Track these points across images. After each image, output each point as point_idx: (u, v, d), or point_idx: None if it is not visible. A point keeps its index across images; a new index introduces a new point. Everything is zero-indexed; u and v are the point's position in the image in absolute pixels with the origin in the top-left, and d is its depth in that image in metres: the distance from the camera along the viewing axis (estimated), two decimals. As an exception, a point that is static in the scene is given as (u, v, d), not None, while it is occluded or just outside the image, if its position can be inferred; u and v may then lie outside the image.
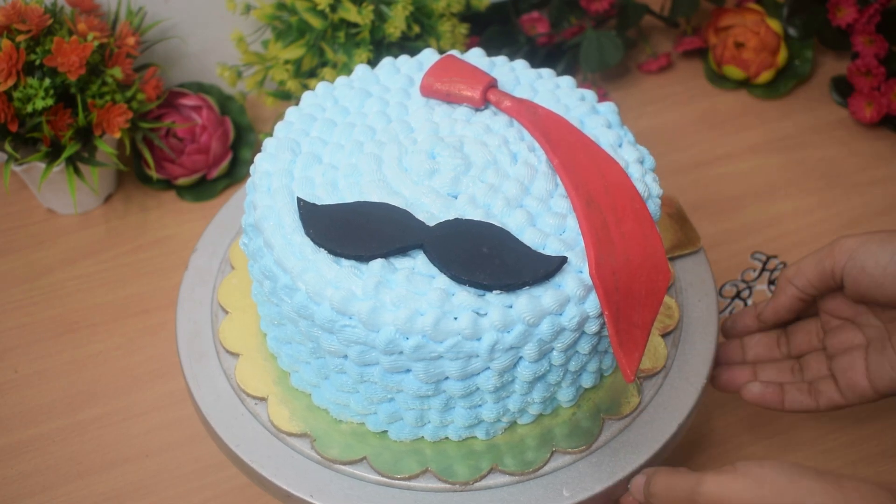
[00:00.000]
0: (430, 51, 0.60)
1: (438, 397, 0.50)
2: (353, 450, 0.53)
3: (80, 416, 0.67)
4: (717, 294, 0.61)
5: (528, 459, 0.53)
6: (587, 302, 0.48)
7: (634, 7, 0.91)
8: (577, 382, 0.54)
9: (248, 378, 0.56)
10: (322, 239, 0.49)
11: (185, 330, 0.59)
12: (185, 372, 0.57)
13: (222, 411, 0.55)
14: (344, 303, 0.47)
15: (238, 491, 0.63)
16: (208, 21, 0.83)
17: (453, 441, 0.54)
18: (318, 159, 0.53)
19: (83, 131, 0.73)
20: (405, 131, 0.54)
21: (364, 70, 0.59)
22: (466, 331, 0.46)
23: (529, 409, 0.53)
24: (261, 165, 0.53)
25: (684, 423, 0.55)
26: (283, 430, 0.54)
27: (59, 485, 0.64)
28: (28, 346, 0.71)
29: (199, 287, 0.61)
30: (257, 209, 0.51)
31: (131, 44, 0.74)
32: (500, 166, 0.52)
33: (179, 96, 0.80)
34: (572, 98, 0.57)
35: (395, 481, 0.52)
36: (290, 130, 0.55)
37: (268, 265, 0.50)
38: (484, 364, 0.48)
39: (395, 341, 0.47)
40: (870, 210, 0.81)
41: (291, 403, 0.55)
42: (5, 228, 0.79)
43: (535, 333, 0.48)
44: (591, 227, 0.49)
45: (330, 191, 0.51)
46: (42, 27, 0.70)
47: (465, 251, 0.48)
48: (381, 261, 0.48)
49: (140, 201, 0.81)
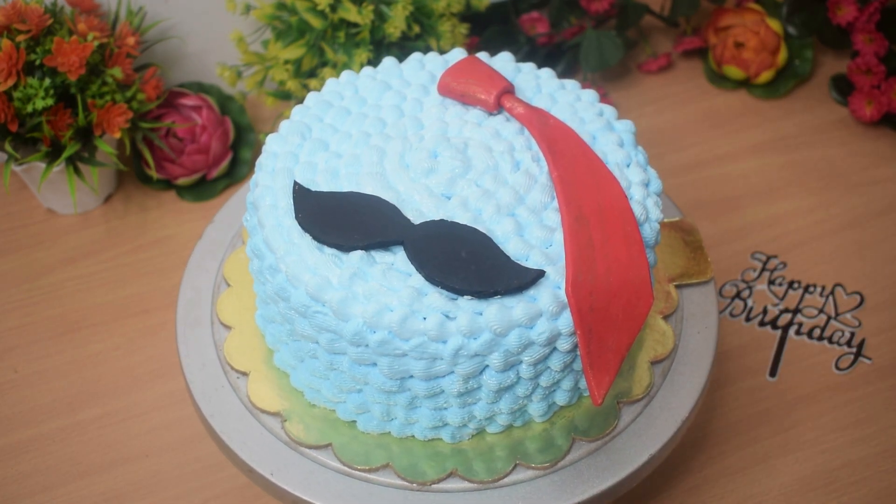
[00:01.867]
0: (459, 50, 0.59)
1: (403, 394, 0.51)
2: (321, 434, 0.54)
3: (80, 416, 0.67)
4: (717, 328, 0.60)
5: (490, 468, 0.53)
6: (560, 319, 0.48)
7: (634, 7, 0.91)
8: (549, 398, 0.53)
9: (235, 351, 0.57)
10: (308, 224, 0.49)
11: (186, 298, 0.61)
12: (177, 337, 0.59)
13: (205, 381, 0.57)
14: (318, 289, 0.48)
15: (238, 491, 0.63)
16: (208, 21, 0.83)
17: (420, 440, 0.54)
18: (324, 146, 0.54)
19: (83, 131, 0.73)
20: (415, 127, 0.55)
21: (391, 63, 0.59)
22: (432, 332, 0.47)
23: (497, 418, 0.53)
24: (270, 146, 0.55)
25: (657, 454, 0.54)
26: (258, 407, 0.55)
27: (59, 485, 0.64)
28: (28, 346, 0.71)
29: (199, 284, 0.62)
30: (258, 187, 0.53)
31: (131, 44, 0.74)
32: (499, 172, 0.52)
33: (179, 96, 0.80)
34: (590, 112, 0.56)
35: (356, 472, 0.53)
36: (305, 114, 0.56)
37: (258, 243, 0.52)
38: (448, 367, 0.48)
39: (362, 333, 0.47)
40: (870, 210, 0.81)
41: (271, 382, 0.56)
42: (5, 228, 0.79)
43: (502, 343, 0.47)
44: (576, 243, 0.48)
45: (329, 178, 0.52)
46: (42, 27, 0.70)
47: (443, 253, 0.48)
48: (361, 253, 0.49)
49: (140, 201, 0.81)
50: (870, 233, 0.79)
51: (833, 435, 0.66)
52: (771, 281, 0.75)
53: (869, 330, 0.72)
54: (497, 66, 0.59)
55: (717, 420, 0.67)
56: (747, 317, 0.73)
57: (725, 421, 0.67)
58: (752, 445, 0.66)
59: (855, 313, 0.73)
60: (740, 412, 0.67)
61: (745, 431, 0.66)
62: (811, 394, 0.68)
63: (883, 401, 0.68)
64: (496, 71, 0.56)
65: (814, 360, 0.70)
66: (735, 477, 0.64)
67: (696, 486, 0.64)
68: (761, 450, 0.65)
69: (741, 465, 0.65)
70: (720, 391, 0.68)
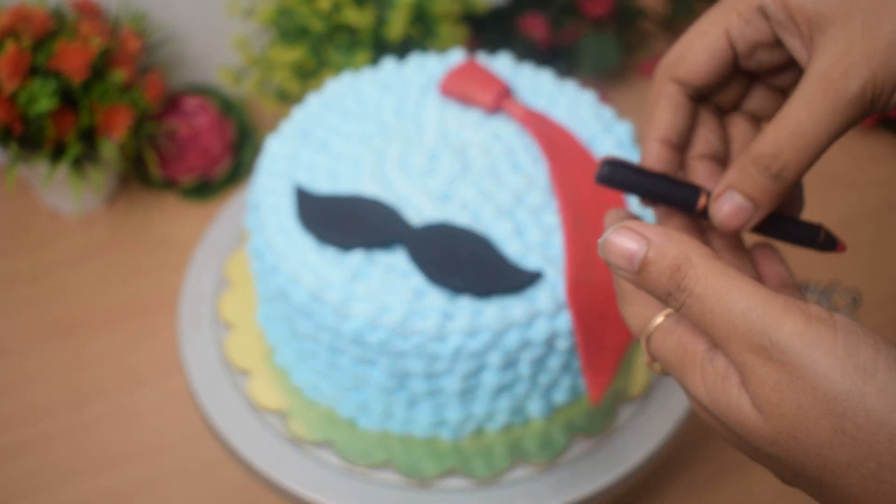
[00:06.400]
0: (458, 51, 0.60)
1: (403, 393, 0.51)
2: (322, 431, 0.54)
3: (80, 416, 0.67)
4: None
5: (490, 466, 0.53)
6: (558, 319, 0.48)
7: (632, 9, 0.92)
8: (548, 396, 0.54)
9: (236, 350, 0.58)
10: (310, 223, 0.50)
11: (187, 297, 0.61)
12: (179, 336, 0.59)
13: (207, 380, 0.57)
14: (318, 289, 0.48)
15: (239, 491, 0.64)
16: (210, 24, 0.84)
17: (419, 438, 0.54)
18: (325, 146, 0.54)
19: (87, 133, 0.73)
20: (415, 129, 0.55)
21: (390, 64, 0.59)
22: (432, 331, 0.47)
23: (497, 416, 0.53)
24: (270, 147, 0.55)
25: (655, 451, 0.54)
26: (260, 405, 0.55)
27: (59, 484, 0.64)
28: (30, 346, 0.72)
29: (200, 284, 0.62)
30: (259, 188, 0.53)
31: (134, 47, 0.74)
32: (498, 174, 0.52)
33: (181, 98, 0.81)
34: (589, 113, 0.57)
35: (357, 469, 0.53)
36: (305, 116, 0.56)
37: (259, 244, 0.52)
38: (448, 366, 0.49)
39: (362, 333, 0.48)
40: (866, 210, 0.81)
41: (273, 380, 0.56)
42: (8, 229, 0.80)
43: (501, 343, 0.48)
44: (575, 245, 0.49)
45: (330, 179, 0.52)
46: (46, 30, 0.70)
47: (443, 253, 0.48)
48: (362, 253, 0.49)
49: (142, 202, 0.82)
50: (866, 233, 0.79)
51: (829, 434, 0.66)
52: (768, 281, 0.76)
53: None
54: (496, 67, 0.59)
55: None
56: (744, 317, 0.73)
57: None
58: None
59: (852, 312, 0.74)
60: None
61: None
62: (808, 393, 0.69)
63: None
64: (495, 72, 0.57)
65: (810, 360, 0.71)
66: (733, 475, 0.64)
67: (695, 485, 0.64)
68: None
69: (739, 464, 0.65)
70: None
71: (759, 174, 0.35)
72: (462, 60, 0.58)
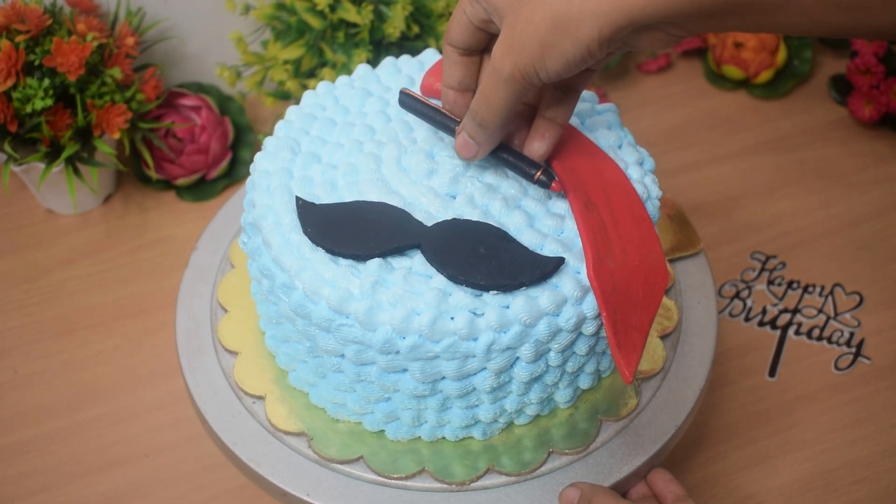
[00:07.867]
0: (432, 51, 0.60)
1: (435, 397, 0.50)
2: (349, 449, 0.53)
3: (80, 416, 0.67)
4: (716, 296, 0.61)
5: (525, 460, 0.53)
6: (584, 303, 0.48)
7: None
8: (574, 383, 0.54)
9: (246, 376, 0.56)
10: (320, 238, 0.49)
11: (184, 327, 0.59)
12: (183, 369, 0.57)
13: (220, 409, 0.55)
14: (341, 302, 0.47)
15: (238, 491, 0.63)
16: (208, 21, 0.83)
17: (450, 441, 0.54)
18: (317, 158, 0.53)
19: (82, 131, 0.73)
20: (405, 131, 0.54)
21: (365, 70, 0.59)
22: (463, 331, 0.47)
23: (526, 409, 0.53)
24: (260, 164, 0.54)
25: (682, 426, 0.55)
26: (281, 429, 0.54)
27: (59, 485, 0.64)
28: (28, 346, 0.71)
29: (199, 284, 0.61)
30: (256, 207, 0.52)
31: (130, 44, 0.74)
32: (499, 166, 0.52)
33: (179, 96, 0.80)
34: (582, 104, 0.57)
35: (392, 481, 0.52)
36: (290, 129, 0.55)
37: (266, 263, 0.50)
38: (480, 364, 0.48)
39: (392, 341, 0.47)
40: (869, 210, 0.81)
41: (289, 402, 0.55)
42: (5, 229, 0.79)
43: (532, 334, 0.48)
44: (589, 228, 0.49)
45: (328, 190, 0.51)
46: (41, 27, 0.70)
47: (462, 251, 0.48)
48: (378, 260, 0.48)
49: (139, 201, 0.81)
50: (869, 233, 0.79)
51: (832, 435, 0.66)
52: (770, 281, 0.75)
53: (868, 330, 0.72)
54: None
55: (717, 420, 0.67)
56: (746, 317, 0.73)
57: (725, 420, 0.67)
58: (751, 445, 0.66)
59: (854, 313, 0.73)
60: (740, 412, 0.67)
61: (744, 431, 0.66)
62: (810, 393, 0.68)
63: (882, 400, 0.68)
64: None
65: (813, 360, 0.71)
66: (734, 476, 0.64)
67: (696, 486, 0.64)
68: (761, 449, 0.65)
69: (741, 465, 0.65)
70: (720, 391, 0.68)
71: (471, 121, 0.48)
72: (437, 60, 0.58)
